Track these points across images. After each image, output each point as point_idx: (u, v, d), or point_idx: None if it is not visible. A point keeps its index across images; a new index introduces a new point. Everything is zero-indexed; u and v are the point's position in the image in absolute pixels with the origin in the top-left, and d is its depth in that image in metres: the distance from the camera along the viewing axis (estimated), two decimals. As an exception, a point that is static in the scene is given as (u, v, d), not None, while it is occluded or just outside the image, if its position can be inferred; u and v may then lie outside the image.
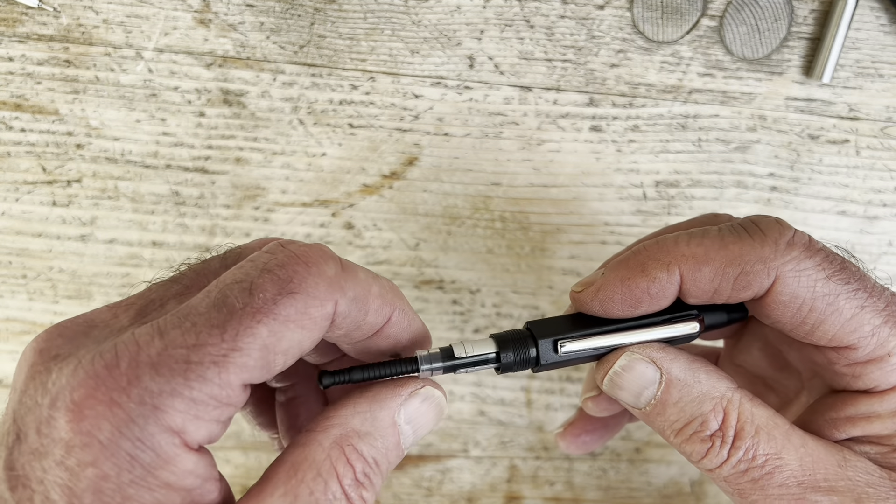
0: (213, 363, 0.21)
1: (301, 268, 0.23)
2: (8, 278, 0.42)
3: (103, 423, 0.20)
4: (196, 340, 0.21)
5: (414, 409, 0.26)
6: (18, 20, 0.39)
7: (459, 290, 0.43)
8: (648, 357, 0.27)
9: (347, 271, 0.24)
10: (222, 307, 0.22)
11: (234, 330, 0.21)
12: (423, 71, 0.40)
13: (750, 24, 0.39)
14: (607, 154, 0.41)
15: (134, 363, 0.21)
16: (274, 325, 0.22)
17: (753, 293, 0.26)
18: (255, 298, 0.22)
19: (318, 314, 0.23)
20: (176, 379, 0.21)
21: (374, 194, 0.41)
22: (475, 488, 0.46)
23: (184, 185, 0.41)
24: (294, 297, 0.22)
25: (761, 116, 0.40)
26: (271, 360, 0.22)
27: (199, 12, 0.39)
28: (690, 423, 0.26)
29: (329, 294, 0.23)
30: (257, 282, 0.22)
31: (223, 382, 0.21)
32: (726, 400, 0.26)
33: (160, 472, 0.21)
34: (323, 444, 0.24)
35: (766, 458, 0.25)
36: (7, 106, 0.40)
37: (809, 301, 0.25)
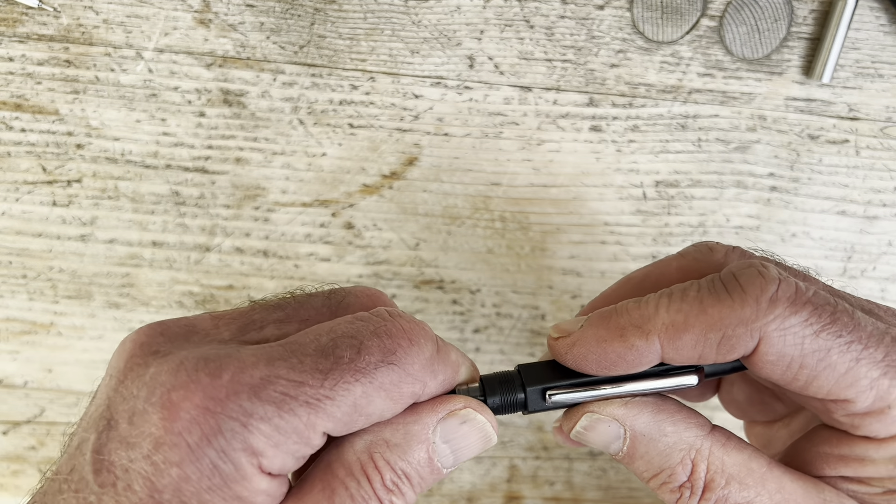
0: (306, 403, 0.22)
1: (405, 342, 0.24)
2: (8, 278, 0.42)
3: (195, 427, 0.21)
4: (299, 378, 0.22)
5: (452, 430, 0.26)
6: (19, 20, 0.39)
7: (459, 290, 0.43)
8: (610, 416, 0.26)
9: (442, 353, 0.25)
10: (330, 356, 0.23)
11: (335, 380, 0.23)
12: (423, 71, 0.40)
13: (750, 25, 0.39)
14: (607, 154, 0.41)
15: (237, 380, 0.22)
16: (369, 388, 0.23)
17: (738, 355, 0.25)
18: (361, 358, 0.23)
19: (407, 390, 0.24)
20: (270, 407, 0.22)
21: (374, 194, 0.41)
22: (475, 488, 0.46)
23: (184, 185, 0.41)
24: (393, 368, 0.23)
25: (761, 116, 0.40)
26: (355, 418, 0.23)
27: (200, 12, 0.39)
28: (659, 475, 0.26)
29: (422, 374, 0.24)
30: (366, 343, 0.23)
31: (309, 423, 0.22)
32: (694, 450, 0.26)
33: (235, 486, 0.22)
34: (355, 446, 0.24)
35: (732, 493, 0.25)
36: (7, 106, 0.40)
37: (799, 359, 0.24)
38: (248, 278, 0.42)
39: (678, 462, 0.26)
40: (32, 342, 0.43)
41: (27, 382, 0.44)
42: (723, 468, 0.25)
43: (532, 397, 0.27)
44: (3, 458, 0.44)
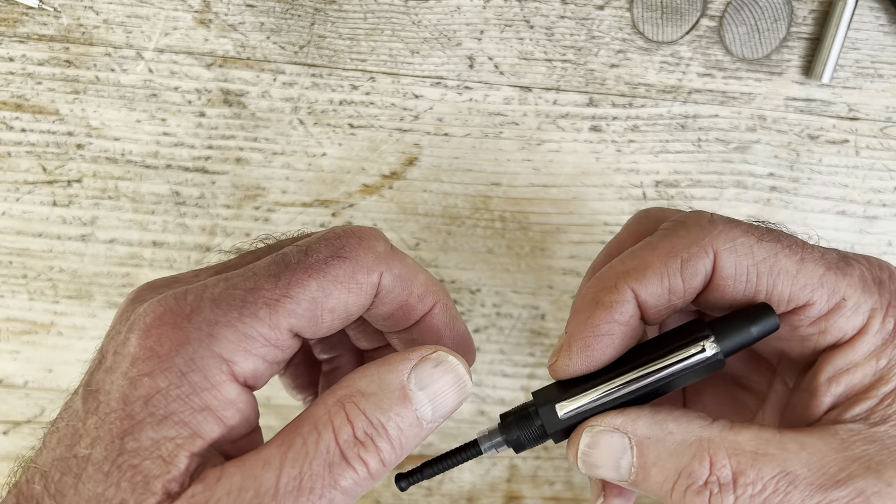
0: (265, 304, 0.24)
1: (353, 240, 0.26)
2: (8, 278, 0.42)
3: (165, 340, 0.23)
4: (254, 285, 0.24)
5: (427, 375, 0.25)
6: (19, 20, 0.39)
7: (459, 290, 0.43)
8: (610, 426, 0.26)
9: (396, 252, 0.27)
10: (280, 262, 0.25)
11: (287, 280, 0.24)
12: (423, 71, 0.40)
13: (749, 25, 0.39)
14: (607, 154, 0.41)
15: (199, 297, 0.24)
16: (323, 282, 0.24)
17: (702, 277, 0.26)
18: (308, 257, 0.25)
19: (364, 280, 0.25)
20: (232, 313, 0.23)
21: (375, 194, 0.41)
22: (475, 488, 0.46)
23: (184, 185, 0.41)
24: (343, 260, 0.25)
25: (761, 116, 0.40)
26: (319, 314, 0.25)
27: (200, 12, 0.39)
28: (679, 480, 0.25)
29: (375, 265, 0.26)
30: (313, 245, 0.25)
31: (273, 323, 0.24)
32: (707, 442, 0.25)
33: (204, 394, 0.23)
34: (326, 401, 0.24)
35: (775, 481, 0.24)
36: (7, 106, 0.40)
37: (753, 267, 0.26)
38: (248, 278, 0.42)
39: (692, 457, 0.24)
40: (33, 342, 0.43)
41: (27, 382, 0.44)
42: (742, 449, 0.24)
43: (546, 417, 0.26)
44: (3, 457, 0.44)
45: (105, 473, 0.22)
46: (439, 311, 0.28)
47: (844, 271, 0.26)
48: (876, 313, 0.26)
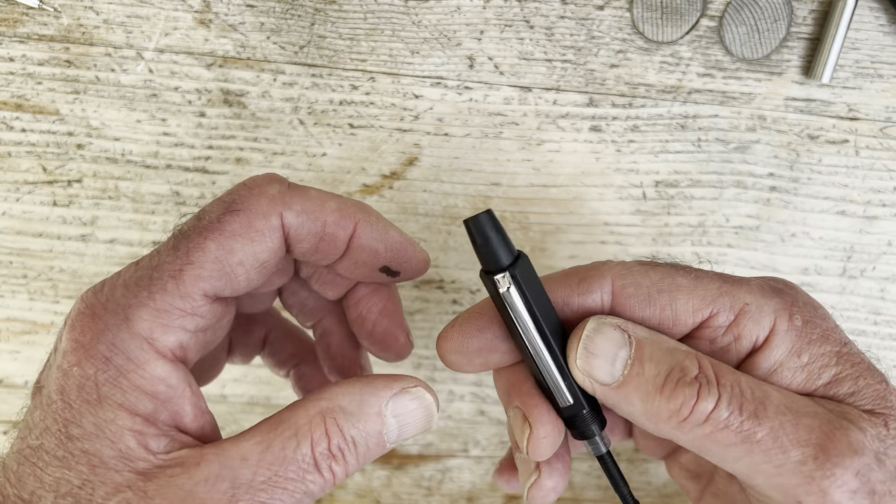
0: (171, 277, 0.25)
1: (244, 190, 0.26)
2: (9, 278, 0.42)
3: (87, 330, 0.24)
4: (158, 261, 0.25)
5: (402, 406, 0.27)
6: (19, 20, 0.39)
7: (459, 290, 0.43)
8: (613, 323, 0.27)
9: (294, 189, 0.27)
10: (178, 234, 0.26)
11: (185, 247, 0.25)
12: (423, 71, 0.40)
13: (749, 25, 0.39)
14: (607, 154, 0.41)
15: (112, 285, 0.25)
16: (221, 240, 0.25)
17: (597, 295, 0.27)
18: (202, 220, 0.26)
19: (262, 226, 0.26)
20: (142, 293, 0.25)
21: (375, 194, 0.41)
22: (475, 488, 0.46)
23: (184, 185, 0.41)
24: (237, 213, 0.26)
25: (761, 116, 0.40)
26: (229, 271, 0.26)
27: (200, 13, 0.39)
28: (672, 373, 0.25)
29: (271, 208, 0.26)
30: (206, 208, 0.26)
31: (183, 293, 0.25)
32: (694, 353, 0.26)
33: (131, 375, 0.24)
34: (309, 410, 0.26)
35: (751, 390, 0.25)
36: (8, 106, 0.40)
37: (654, 285, 0.27)
38: (248, 278, 0.42)
39: (685, 356, 0.26)
40: (33, 342, 0.43)
41: (28, 382, 0.44)
42: (724, 367, 0.26)
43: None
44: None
45: (60, 459, 0.24)
46: (363, 230, 0.28)
47: (740, 282, 0.27)
48: (781, 313, 0.27)
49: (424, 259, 0.30)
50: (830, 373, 0.26)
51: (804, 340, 0.27)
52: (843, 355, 0.27)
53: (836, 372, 0.26)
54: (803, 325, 0.27)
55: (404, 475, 0.46)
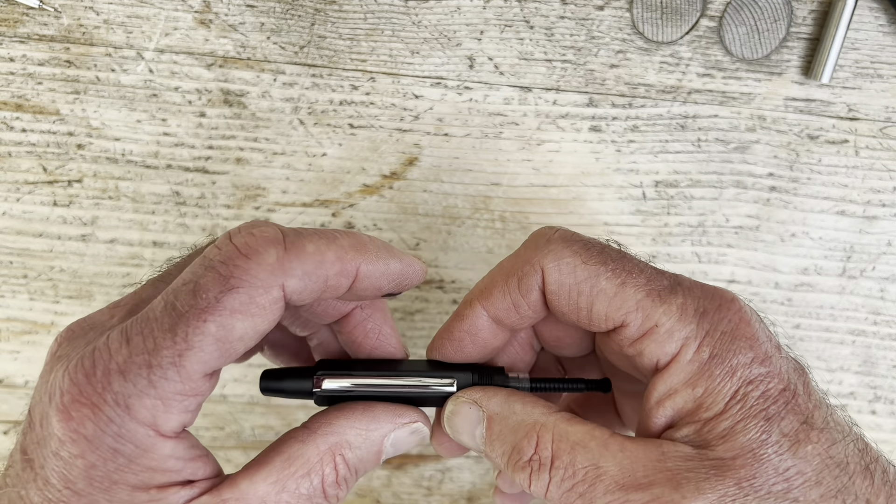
0: (171, 364, 0.24)
1: (241, 261, 0.24)
2: (9, 278, 0.42)
3: (87, 422, 0.23)
4: (154, 345, 0.24)
5: (402, 439, 0.29)
6: (20, 21, 0.39)
7: (459, 290, 0.43)
8: (470, 399, 0.29)
9: (292, 251, 0.25)
10: (172, 312, 0.24)
11: (184, 331, 0.24)
12: (423, 71, 0.40)
13: (749, 25, 0.39)
14: (607, 154, 0.41)
15: (106, 371, 0.24)
16: (221, 320, 0.24)
17: (537, 292, 0.29)
18: (198, 300, 0.24)
19: (264, 301, 0.25)
20: (140, 382, 0.24)
21: (375, 194, 0.41)
22: (475, 488, 0.46)
23: (184, 185, 0.41)
24: (236, 291, 0.24)
25: (760, 117, 0.40)
26: (228, 348, 0.24)
27: (200, 13, 0.39)
28: (512, 453, 0.27)
29: (272, 280, 0.25)
30: (201, 282, 0.24)
31: (184, 378, 0.24)
32: (539, 425, 0.27)
33: (141, 460, 0.24)
34: (319, 447, 0.27)
35: (585, 470, 0.26)
36: (8, 106, 0.40)
37: (575, 286, 0.28)
38: (248, 278, 0.42)
39: (524, 436, 0.27)
40: (33, 342, 0.43)
41: (28, 382, 0.44)
42: (567, 437, 0.27)
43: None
44: (3, 457, 0.44)
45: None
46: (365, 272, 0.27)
47: (665, 299, 0.27)
48: (689, 342, 0.27)
49: (423, 271, 0.30)
50: (717, 408, 0.26)
51: (703, 374, 0.26)
52: (739, 396, 0.26)
53: (721, 410, 0.26)
54: (709, 359, 0.27)
55: (404, 475, 0.46)
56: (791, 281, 0.43)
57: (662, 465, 0.26)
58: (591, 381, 0.31)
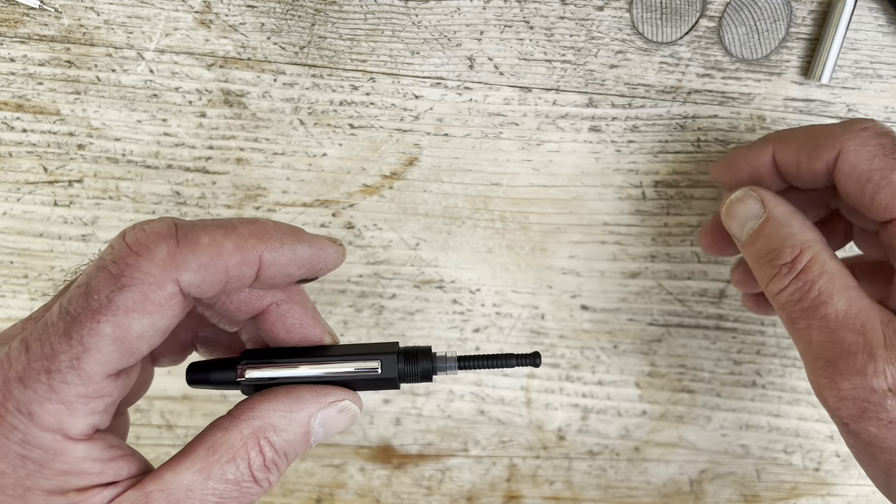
0: (70, 368, 0.23)
1: (132, 259, 0.24)
2: (10, 278, 0.42)
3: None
4: (51, 350, 0.24)
5: (329, 416, 0.28)
6: (20, 21, 0.39)
7: (459, 290, 0.43)
8: (758, 195, 0.33)
9: (185, 244, 0.25)
10: (66, 315, 0.24)
11: (78, 333, 0.23)
12: (424, 72, 0.40)
13: (749, 25, 0.39)
14: (606, 154, 0.41)
15: (6, 380, 0.24)
16: (116, 320, 0.24)
17: (824, 163, 0.31)
18: (90, 301, 0.24)
19: (158, 297, 0.24)
20: (41, 388, 0.23)
21: (375, 194, 0.41)
22: (475, 487, 0.46)
23: (185, 185, 0.41)
24: (128, 289, 0.24)
25: (760, 117, 0.40)
26: (129, 347, 0.24)
27: (200, 13, 0.39)
28: (770, 252, 0.32)
29: (164, 275, 0.24)
30: (92, 283, 0.24)
31: (85, 381, 0.24)
32: (807, 245, 0.31)
33: (53, 464, 0.24)
34: (243, 432, 0.27)
35: (819, 292, 0.30)
36: (9, 106, 0.40)
37: (867, 172, 0.30)
38: (248, 278, 0.42)
39: (789, 246, 0.31)
40: (34, 342, 0.43)
41: (29, 382, 0.44)
42: (822, 264, 0.30)
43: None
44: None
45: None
46: (269, 259, 0.26)
47: None
48: None
49: (340, 254, 0.29)
50: None
51: None
52: None
53: None
54: None
55: (404, 474, 0.46)
56: (790, 281, 0.43)
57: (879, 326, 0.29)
58: (520, 355, 0.31)
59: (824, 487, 0.46)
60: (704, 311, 0.43)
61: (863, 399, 0.29)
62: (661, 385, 0.45)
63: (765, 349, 0.44)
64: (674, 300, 0.43)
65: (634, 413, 0.45)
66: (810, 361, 0.30)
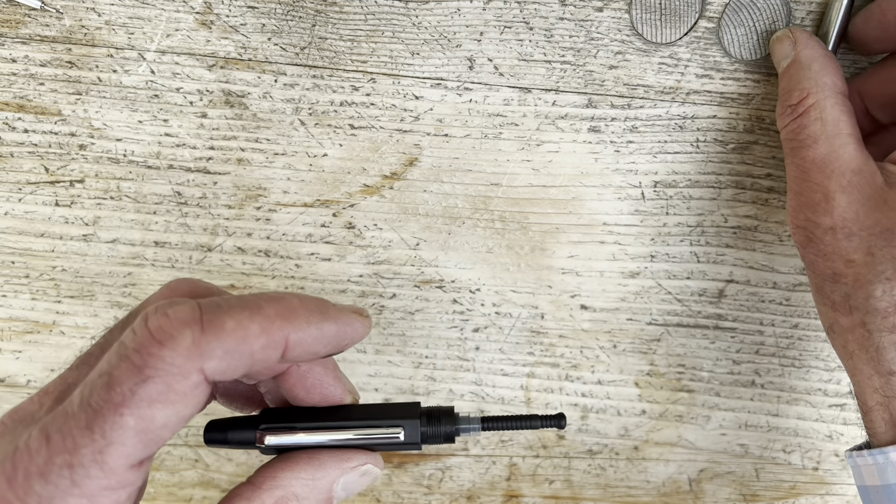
0: (93, 462, 0.23)
1: (155, 348, 0.23)
2: (11, 278, 0.42)
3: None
4: (73, 444, 0.23)
5: (352, 482, 0.28)
6: (21, 21, 0.39)
7: (459, 290, 0.43)
8: (793, 36, 0.36)
9: (210, 331, 0.24)
10: (87, 408, 0.23)
11: (101, 428, 0.23)
12: (424, 72, 0.40)
13: (748, 26, 0.39)
14: (606, 155, 0.41)
15: (27, 474, 0.23)
16: (139, 412, 0.23)
17: None
18: (113, 393, 0.23)
19: (183, 388, 0.23)
20: (63, 483, 0.23)
21: (375, 194, 0.42)
22: (475, 486, 0.46)
23: (186, 185, 0.41)
24: (151, 381, 0.23)
25: (759, 118, 0.40)
26: (152, 437, 0.23)
27: (201, 14, 0.39)
28: (786, 93, 0.36)
29: (189, 365, 0.23)
30: (114, 374, 0.23)
31: (108, 474, 0.23)
32: (815, 89, 0.34)
33: None
34: (265, 502, 0.26)
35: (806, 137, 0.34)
36: (10, 107, 0.40)
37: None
38: (249, 278, 0.43)
39: (799, 89, 0.35)
40: (35, 341, 0.43)
41: (30, 382, 0.44)
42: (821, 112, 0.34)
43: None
44: (6, 456, 0.44)
45: None
46: (295, 341, 0.25)
47: None
48: None
49: (367, 327, 0.28)
50: None
51: None
52: None
53: None
54: None
55: (404, 474, 0.46)
56: (789, 281, 0.43)
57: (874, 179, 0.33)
58: (545, 416, 0.30)
59: (823, 487, 0.47)
60: (703, 310, 0.44)
61: (810, 231, 0.34)
62: (661, 384, 0.45)
63: (764, 349, 0.44)
64: (673, 300, 0.43)
65: (634, 412, 0.45)
66: (789, 192, 0.36)
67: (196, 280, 0.28)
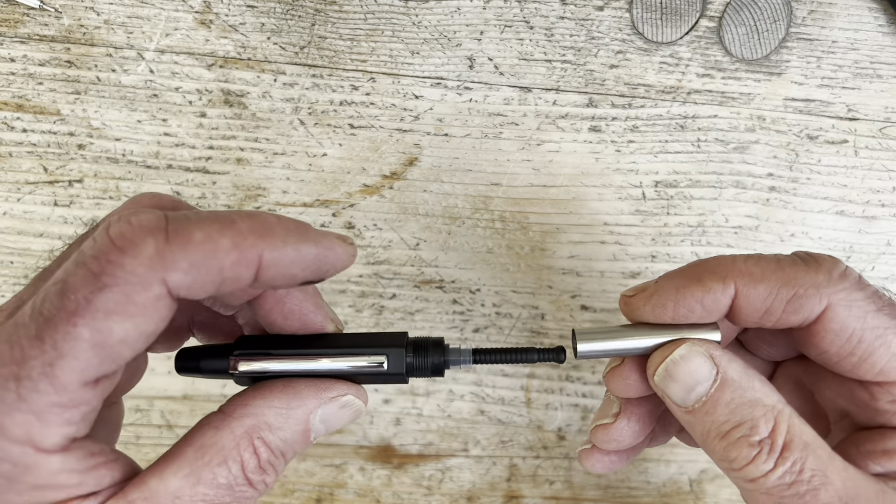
0: (42, 375, 0.21)
1: (115, 255, 0.21)
2: (10, 278, 0.42)
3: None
4: (21, 355, 0.21)
5: (331, 414, 0.26)
6: (20, 21, 0.39)
7: (459, 290, 0.43)
8: (708, 352, 0.27)
9: (175, 241, 0.22)
10: (38, 316, 0.21)
11: (52, 338, 0.21)
12: (424, 72, 0.40)
13: (749, 25, 0.39)
14: (606, 154, 0.41)
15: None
16: (95, 324, 0.21)
17: (803, 318, 0.26)
18: (66, 301, 0.21)
19: (143, 300, 0.21)
20: (9, 397, 0.21)
21: (375, 194, 0.41)
22: (475, 487, 0.46)
23: (185, 185, 0.41)
24: (109, 290, 0.21)
25: (760, 117, 0.40)
26: (109, 353, 0.22)
27: (201, 13, 0.39)
28: (739, 426, 0.26)
29: (150, 275, 0.21)
30: (69, 281, 0.21)
31: (58, 389, 0.21)
32: (777, 410, 0.26)
33: (24, 479, 0.21)
34: (235, 431, 0.24)
35: (812, 473, 0.25)
36: (9, 106, 0.40)
37: (859, 332, 0.26)
38: (248, 278, 0.42)
39: (761, 415, 0.25)
40: (34, 342, 0.43)
41: (29, 382, 0.44)
42: (801, 434, 0.25)
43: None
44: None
45: None
46: (270, 260, 0.23)
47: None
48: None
49: (350, 254, 0.26)
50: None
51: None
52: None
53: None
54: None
55: (404, 474, 0.46)
56: (790, 281, 0.43)
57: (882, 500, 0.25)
58: (542, 350, 0.28)
59: (824, 487, 0.46)
60: (704, 311, 0.43)
61: None
62: (661, 385, 0.45)
63: (765, 349, 0.44)
64: (674, 300, 0.43)
65: (634, 413, 0.45)
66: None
67: (164, 194, 0.26)
